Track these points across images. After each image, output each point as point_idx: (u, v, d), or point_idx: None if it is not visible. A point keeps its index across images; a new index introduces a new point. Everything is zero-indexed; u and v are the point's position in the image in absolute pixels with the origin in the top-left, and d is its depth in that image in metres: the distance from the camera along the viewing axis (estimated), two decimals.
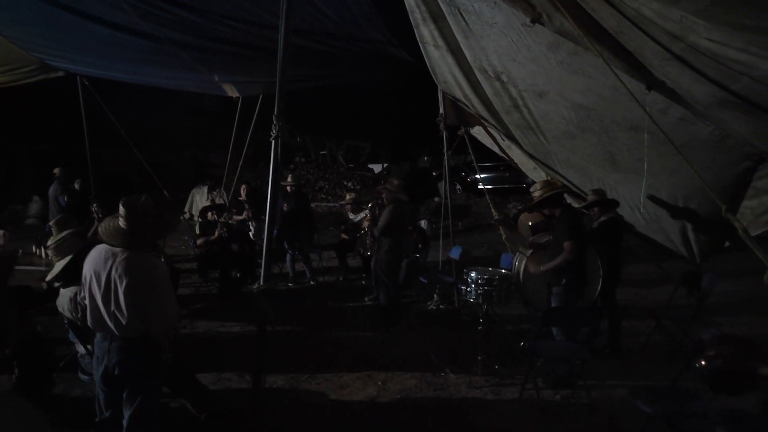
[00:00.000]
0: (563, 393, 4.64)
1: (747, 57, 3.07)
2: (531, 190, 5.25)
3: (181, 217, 11.61)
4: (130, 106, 13.15)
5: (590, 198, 5.57)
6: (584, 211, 5.79)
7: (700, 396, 3.39)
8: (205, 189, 11.17)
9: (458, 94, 6.15)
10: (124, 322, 3.13)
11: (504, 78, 5.21)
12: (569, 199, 6.38)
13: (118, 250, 3.19)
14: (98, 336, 3.30)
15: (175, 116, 19.31)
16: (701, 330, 4.18)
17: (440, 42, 5.22)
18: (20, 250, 9.68)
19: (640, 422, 3.71)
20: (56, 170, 10.05)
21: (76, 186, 10.17)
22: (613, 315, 5.48)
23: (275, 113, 3.92)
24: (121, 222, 3.20)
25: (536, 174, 6.74)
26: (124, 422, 3.27)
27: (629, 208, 5.70)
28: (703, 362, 2.91)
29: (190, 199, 13.15)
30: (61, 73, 7.93)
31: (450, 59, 5.41)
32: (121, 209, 3.19)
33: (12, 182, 17.31)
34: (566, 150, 5.72)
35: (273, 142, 3.90)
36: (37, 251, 10.34)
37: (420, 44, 5.42)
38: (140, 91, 11.04)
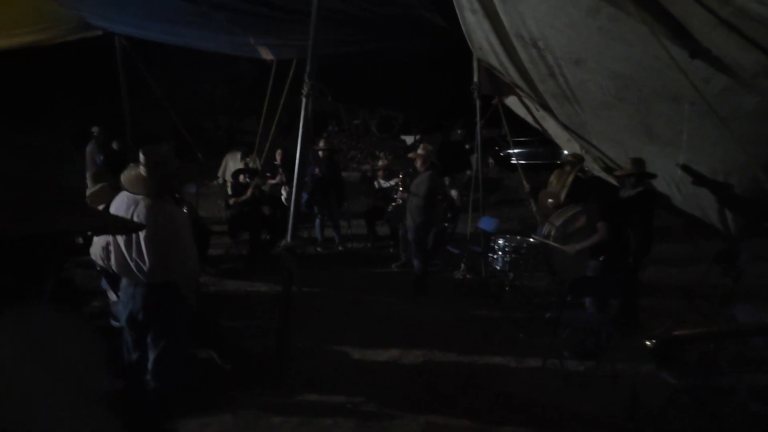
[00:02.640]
0: (587, 364, 4.62)
1: None
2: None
3: (215, 182, 11.81)
4: (167, 70, 13.30)
5: (627, 168, 5.45)
6: (617, 181, 5.68)
7: (728, 371, 3.35)
8: (239, 154, 11.24)
9: (493, 62, 6.05)
10: (146, 269, 3.21)
11: (541, 45, 5.09)
12: (601, 173, 6.27)
13: (139, 197, 3.25)
14: (124, 281, 3.39)
15: (210, 82, 19.46)
16: (734, 309, 4.09)
17: (477, 6, 5.13)
18: None
19: (665, 396, 3.68)
20: (94, 129, 10.27)
21: (114, 146, 10.38)
22: (634, 289, 5.39)
23: (307, 71, 3.93)
24: (142, 170, 3.25)
25: (570, 146, 6.61)
26: (149, 365, 3.38)
27: (666, 182, 5.56)
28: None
29: (223, 164, 13.25)
30: (99, 32, 8.01)
31: (486, 25, 5.31)
32: (141, 157, 3.24)
33: (52, 142, 17.70)
34: (602, 121, 5.59)
35: (304, 99, 3.91)
36: None
37: (456, 9, 5.34)
38: (177, 55, 11.16)
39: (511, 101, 7.08)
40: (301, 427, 3.73)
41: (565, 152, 7.49)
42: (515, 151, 14.20)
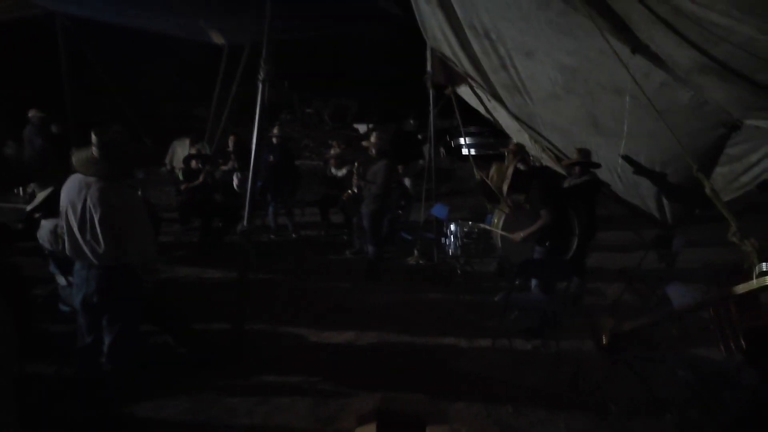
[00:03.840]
0: (534, 343, 4.84)
1: (728, 21, 3.16)
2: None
3: (162, 168, 11.56)
4: (113, 53, 12.87)
5: (574, 157, 5.69)
6: (564, 170, 5.92)
7: (661, 343, 3.60)
8: (187, 141, 11.05)
9: (447, 52, 6.19)
10: (100, 251, 3.20)
11: (493, 36, 5.26)
12: (549, 162, 6.51)
13: (92, 179, 3.22)
14: (77, 264, 3.36)
15: (159, 67, 18.96)
16: (667, 288, 4.37)
17: None
18: None
19: (605, 371, 3.92)
20: (32, 112, 9.85)
21: (53, 129, 10.00)
22: (580, 273, 5.66)
23: (263, 56, 3.95)
24: (94, 151, 3.22)
25: (520, 136, 6.83)
26: (104, 348, 3.36)
27: (608, 171, 5.85)
28: None
29: (170, 151, 13.00)
30: (36, 11, 7.68)
31: (440, 14, 5.44)
32: (93, 138, 3.21)
33: None
34: (551, 112, 5.82)
35: (260, 85, 3.94)
36: (16, 190, 10.22)
37: None
38: (125, 37, 10.81)
39: (464, 91, 7.23)
40: (259, 406, 3.78)
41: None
42: (467, 141, 14.45)
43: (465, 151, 14.74)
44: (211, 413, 3.69)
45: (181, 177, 8.47)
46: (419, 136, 13.47)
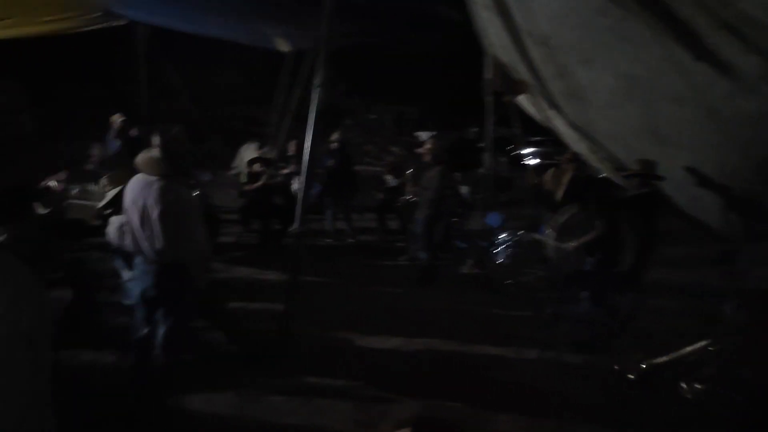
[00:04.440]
0: (584, 357, 4.70)
1: None
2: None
3: (230, 171, 11.97)
4: (187, 60, 13.48)
5: (634, 168, 5.50)
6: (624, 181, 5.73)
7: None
8: (254, 146, 11.42)
9: (505, 59, 6.13)
10: (158, 247, 3.35)
11: (552, 43, 5.17)
12: (608, 173, 6.32)
13: (153, 179, 3.39)
14: (137, 259, 3.54)
15: (228, 72, 19.65)
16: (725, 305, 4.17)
17: (489, 3, 5.21)
18: (77, 188, 10.21)
19: (658, 389, 3.77)
20: (114, 117, 10.46)
21: (132, 133, 10.55)
22: (636, 289, 5.44)
23: (320, 62, 4.04)
24: (156, 152, 3.39)
25: (578, 146, 6.66)
26: (158, 340, 3.52)
27: (668, 183, 5.60)
28: None
29: (238, 154, 13.48)
30: (123, 22, 8.21)
31: (498, 21, 5.40)
32: (155, 139, 3.38)
33: (71, 127, 18.05)
34: (609, 121, 5.65)
35: (315, 90, 4.03)
36: (95, 188, 10.82)
37: (470, 5, 5.42)
38: (197, 45, 11.31)
39: (522, 99, 7.14)
40: (301, 407, 3.86)
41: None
42: (528, 150, 14.21)
43: (527, 160, 14.47)
44: (255, 410, 3.80)
45: (243, 180, 8.74)
46: (480, 144, 13.37)
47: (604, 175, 6.49)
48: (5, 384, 1.07)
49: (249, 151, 12.15)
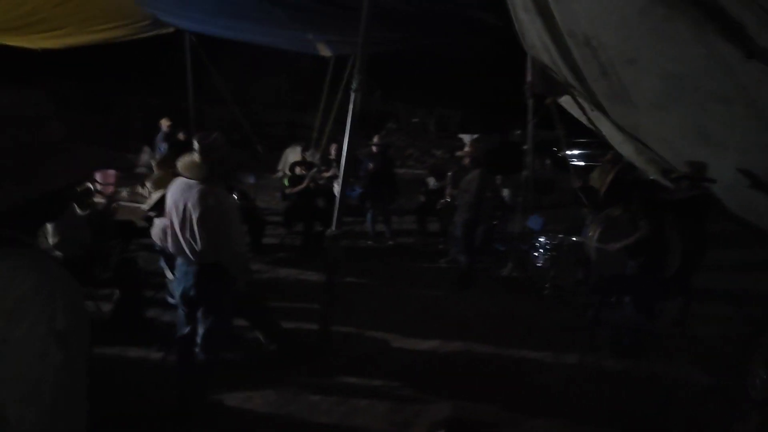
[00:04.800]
0: (625, 363, 4.60)
1: None
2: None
3: (275, 174, 12.19)
4: (232, 66, 13.84)
5: (683, 170, 5.35)
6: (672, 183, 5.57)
7: None
8: (299, 148, 11.62)
9: (546, 60, 6.05)
10: (197, 249, 3.45)
11: (594, 43, 5.07)
12: (656, 175, 6.16)
13: (194, 182, 3.49)
14: (179, 260, 3.66)
15: (273, 77, 20.04)
16: None
17: (529, 4, 5.16)
18: (127, 190, 10.63)
19: (700, 400, 3.66)
20: (162, 121, 10.85)
21: (180, 137, 10.92)
22: (684, 294, 5.28)
23: (357, 67, 4.09)
24: (196, 156, 3.49)
25: (624, 147, 6.51)
26: (198, 339, 3.63)
27: (718, 185, 5.42)
28: None
29: (283, 158, 13.76)
30: (171, 30, 8.50)
31: (539, 23, 5.33)
32: (195, 144, 3.48)
33: (123, 132, 18.76)
34: (656, 122, 5.50)
35: (353, 94, 4.08)
36: (143, 191, 11.22)
37: (509, 7, 5.38)
38: (241, 51, 11.57)
39: (565, 101, 7.03)
40: (338, 406, 3.90)
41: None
42: (574, 152, 13.98)
43: (573, 162, 14.22)
44: (293, 409, 3.86)
45: (286, 183, 8.90)
46: (524, 147, 13.22)
47: (651, 177, 6.33)
48: (37, 383, 1.13)
49: (292, 155, 12.37)
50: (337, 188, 8.85)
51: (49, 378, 1.13)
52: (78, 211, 4.99)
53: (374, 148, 8.91)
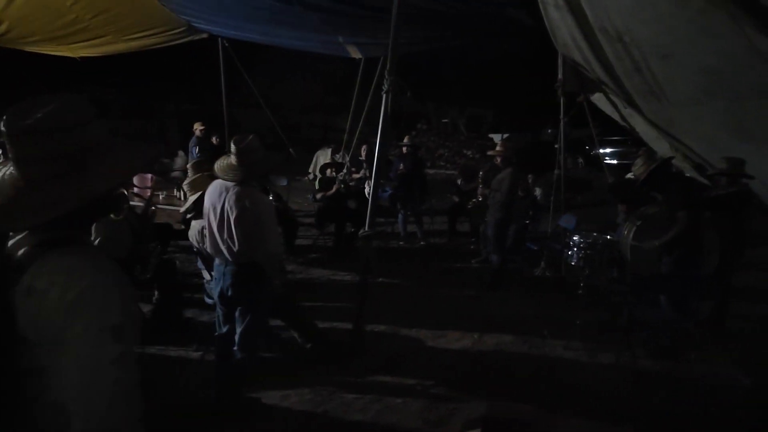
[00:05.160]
0: (664, 364, 4.53)
1: None
2: (633, 166, 5.02)
3: (306, 177, 12.32)
4: (264, 70, 14.03)
5: (721, 166, 5.24)
6: (709, 180, 5.46)
7: None
8: (329, 150, 11.74)
9: (578, 58, 5.99)
10: (235, 249, 3.53)
11: (626, 39, 5.01)
12: (692, 172, 6.05)
13: (230, 184, 3.57)
14: (216, 261, 3.75)
15: (305, 81, 20.25)
16: None
17: (560, 1, 5.12)
18: (163, 193, 10.90)
19: (739, 401, 3.58)
20: (195, 126, 11.06)
21: (214, 141, 11.12)
22: (723, 293, 5.17)
23: (387, 68, 4.13)
24: (233, 159, 3.57)
25: (658, 144, 6.41)
26: (236, 337, 3.71)
27: (759, 182, 5.30)
28: None
29: (314, 160, 13.90)
30: (205, 35, 8.67)
31: (570, 20, 5.29)
32: (232, 147, 3.56)
33: (161, 137, 19.19)
34: (691, 118, 5.40)
35: (384, 95, 4.12)
36: (179, 194, 11.49)
37: (540, 4, 5.35)
38: (274, 55, 11.71)
39: (598, 98, 6.96)
40: (372, 404, 3.94)
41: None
42: (607, 150, 13.78)
43: (606, 161, 14.02)
44: (329, 407, 3.91)
45: (317, 186, 8.99)
46: (556, 146, 13.09)
47: (687, 174, 6.22)
48: (95, 375, 1.19)
49: (323, 157, 12.49)
50: (368, 189, 8.94)
51: (106, 371, 1.19)
52: (112, 216, 5.12)
53: (405, 149, 8.95)
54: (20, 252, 1.26)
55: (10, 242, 1.29)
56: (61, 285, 1.19)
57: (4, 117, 1.25)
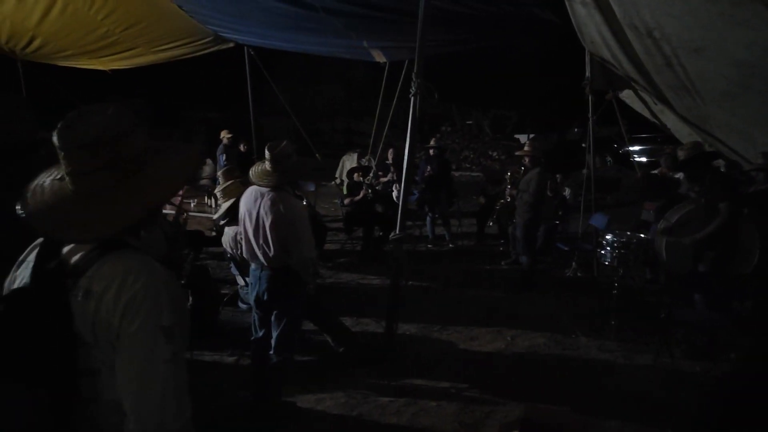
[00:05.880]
0: (703, 365, 4.43)
1: None
2: (678, 150, 4.93)
3: (333, 182, 12.38)
4: (289, 77, 14.17)
5: (758, 162, 5.12)
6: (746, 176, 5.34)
7: None
8: (355, 155, 11.77)
9: (606, 55, 5.91)
10: (270, 254, 3.56)
11: (656, 34, 4.93)
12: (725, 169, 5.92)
13: (265, 190, 3.61)
14: (252, 266, 3.78)
15: (329, 86, 20.37)
16: None
17: None
18: (193, 201, 11.05)
19: None
20: (222, 133, 11.21)
21: (242, 148, 11.25)
22: (764, 292, 5.03)
23: (414, 71, 4.13)
24: (267, 165, 3.60)
25: (691, 141, 6.28)
26: (272, 341, 3.74)
27: None
28: None
29: (340, 165, 13.94)
30: (231, 45, 8.79)
31: (597, 16, 5.23)
32: (267, 153, 3.60)
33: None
34: (726, 112, 5.29)
35: (412, 98, 4.12)
36: (209, 202, 11.64)
37: (566, 2, 5.30)
38: (298, 62, 11.80)
39: (627, 95, 6.86)
40: (407, 407, 3.93)
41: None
42: (636, 148, 13.56)
43: (634, 159, 13.80)
44: (363, 410, 3.91)
45: (345, 191, 9.02)
46: (583, 145, 12.94)
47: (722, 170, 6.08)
48: (149, 375, 1.22)
49: (349, 162, 12.54)
50: (395, 193, 8.95)
51: (159, 371, 1.22)
52: None
53: (431, 152, 8.94)
54: (76, 257, 1.29)
55: (65, 249, 1.33)
56: (117, 287, 1.23)
57: (57, 132, 1.28)
